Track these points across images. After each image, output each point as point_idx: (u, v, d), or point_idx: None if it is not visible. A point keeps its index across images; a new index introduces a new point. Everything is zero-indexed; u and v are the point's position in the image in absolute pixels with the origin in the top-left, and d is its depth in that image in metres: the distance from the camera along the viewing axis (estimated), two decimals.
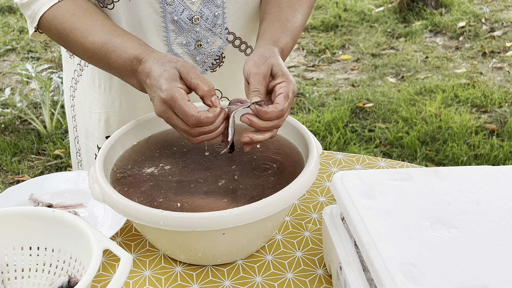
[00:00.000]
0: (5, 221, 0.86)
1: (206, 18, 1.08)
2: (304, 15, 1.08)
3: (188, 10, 1.07)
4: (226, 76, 1.18)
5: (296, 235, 1.00)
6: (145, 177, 0.95)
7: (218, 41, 1.13)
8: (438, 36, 4.56)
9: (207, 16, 1.08)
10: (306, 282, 0.90)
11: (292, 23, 1.05)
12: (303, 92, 3.63)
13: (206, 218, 0.80)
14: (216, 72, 1.17)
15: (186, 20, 1.07)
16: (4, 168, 2.87)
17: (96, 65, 1.03)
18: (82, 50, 1.00)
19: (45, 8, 1.01)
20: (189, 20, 1.07)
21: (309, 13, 1.11)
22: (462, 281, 0.67)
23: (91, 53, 0.99)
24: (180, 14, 1.06)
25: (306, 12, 1.09)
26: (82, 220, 0.82)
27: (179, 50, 1.11)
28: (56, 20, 1.01)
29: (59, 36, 1.02)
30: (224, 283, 0.90)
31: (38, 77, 3.22)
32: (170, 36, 1.08)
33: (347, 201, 0.81)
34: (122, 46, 0.97)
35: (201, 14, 1.08)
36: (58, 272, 0.85)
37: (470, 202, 0.81)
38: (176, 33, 1.09)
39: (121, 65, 0.97)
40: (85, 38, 0.99)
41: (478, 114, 3.27)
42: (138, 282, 0.91)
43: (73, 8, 1.01)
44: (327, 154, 1.23)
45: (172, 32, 1.08)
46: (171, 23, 1.07)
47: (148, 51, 0.95)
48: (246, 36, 1.16)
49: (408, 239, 0.73)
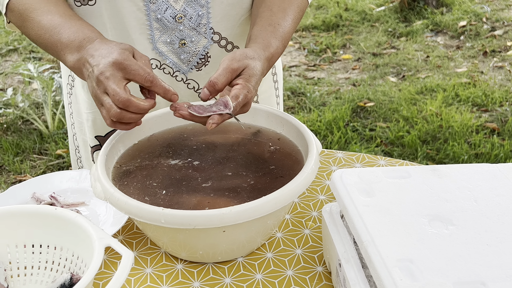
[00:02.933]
0: (8, 219, 0.87)
1: (190, 17, 1.09)
2: (294, 19, 1.08)
3: (172, 8, 1.07)
4: None
5: (296, 233, 1.01)
6: (146, 175, 0.96)
7: (203, 40, 1.13)
8: (439, 36, 4.56)
9: (191, 15, 1.09)
10: (306, 279, 0.91)
11: (283, 27, 1.05)
12: (304, 91, 3.64)
13: (207, 215, 0.81)
14: (202, 72, 1.17)
15: (169, 18, 1.08)
16: (6, 168, 2.89)
17: (44, 44, 0.99)
18: (37, 28, 0.98)
19: None
20: (172, 18, 1.08)
21: (300, 17, 1.11)
22: (459, 277, 0.67)
23: (45, 30, 0.97)
24: (164, 12, 1.07)
25: (297, 16, 1.09)
26: (84, 218, 0.83)
27: (163, 48, 1.11)
28: (22, 1, 1.00)
29: (20, 16, 1.01)
30: (225, 281, 0.91)
31: (40, 77, 3.23)
32: (154, 34, 1.09)
33: (346, 198, 0.82)
34: (80, 26, 0.96)
35: (185, 13, 1.08)
36: (60, 270, 0.86)
37: (468, 199, 0.82)
38: (161, 32, 1.09)
39: (71, 40, 0.94)
40: (43, 16, 0.98)
41: (479, 113, 3.27)
42: (139, 279, 0.92)
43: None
44: (327, 153, 1.24)
45: (157, 30, 1.09)
46: (155, 21, 1.07)
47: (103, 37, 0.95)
48: (233, 37, 1.16)
49: (406, 236, 0.74)
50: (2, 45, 4.54)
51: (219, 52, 1.16)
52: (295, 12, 1.09)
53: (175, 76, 1.15)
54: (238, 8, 1.12)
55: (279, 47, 1.02)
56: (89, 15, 1.07)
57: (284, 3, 1.08)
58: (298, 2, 1.10)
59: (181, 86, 1.17)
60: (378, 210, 0.79)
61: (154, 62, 1.12)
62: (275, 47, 1.01)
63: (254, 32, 1.03)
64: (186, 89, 1.17)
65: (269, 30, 1.03)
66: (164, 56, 1.12)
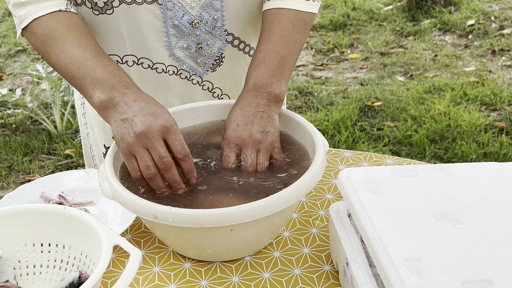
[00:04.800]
0: (17, 218, 0.87)
1: (206, 22, 1.10)
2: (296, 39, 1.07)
3: (188, 14, 1.08)
4: (226, 75, 1.20)
5: (304, 232, 1.01)
6: None
7: (218, 42, 1.14)
8: (447, 34, 4.54)
9: (207, 19, 1.10)
10: (314, 278, 0.91)
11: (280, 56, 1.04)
12: (312, 91, 3.63)
13: (214, 214, 0.81)
14: (216, 72, 1.18)
15: (186, 24, 1.08)
16: (15, 168, 2.90)
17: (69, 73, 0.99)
18: (64, 57, 0.98)
19: (41, 13, 1.00)
20: (189, 24, 1.09)
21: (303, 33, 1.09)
22: (467, 275, 0.67)
23: (73, 61, 0.97)
24: (180, 18, 1.08)
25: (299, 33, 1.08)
26: (92, 217, 0.83)
27: (180, 54, 1.12)
28: (46, 25, 1.00)
29: (43, 41, 1.00)
30: (232, 279, 0.91)
31: (49, 78, 3.25)
32: (171, 40, 1.10)
33: (353, 197, 0.82)
34: (115, 66, 0.98)
35: (201, 18, 1.09)
36: (69, 268, 0.87)
37: (476, 198, 0.81)
38: (177, 38, 1.10)
39: (105, 78, 0.95)
40: (73, 47, 0.98)
41: (487, 112, 3.25)
42: (147, 278, 0.92)
43: (68, 21, 1.01)
44: (334, 152, 1.24)
45: (173, 36, 1.09)
46: (172, 28, 1.08)
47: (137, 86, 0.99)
48: (245, 35, 1.18)
49: (413, 234, 0.74)
50: (11, 46, 4.57)
51: (232, 52, 1.18)
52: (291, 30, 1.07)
53: (192, 79, 1.16)
54: (250, 7, 1.13)
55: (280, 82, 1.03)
56: (106, 24, 1.07)
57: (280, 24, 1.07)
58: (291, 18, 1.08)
59: (197, 89, 1.18)
60: (385, 209, 0.79)
61: (171, 69, 1.13)
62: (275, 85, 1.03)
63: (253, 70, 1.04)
64: (201, 90, 1.19)
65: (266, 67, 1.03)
66: (181, 62, 1.13)
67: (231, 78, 1.21)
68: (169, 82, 1.15)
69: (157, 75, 1.14)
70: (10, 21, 5.12)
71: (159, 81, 1.14)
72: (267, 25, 1.08)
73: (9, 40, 4.71)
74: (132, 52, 1.11)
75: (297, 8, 1.08)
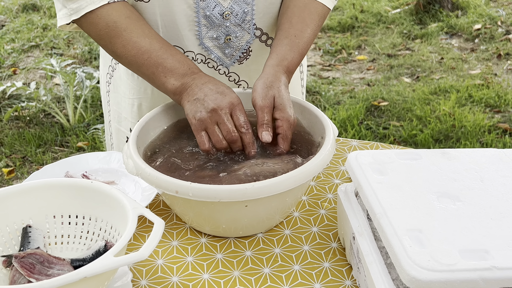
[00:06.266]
0: (47, 191, 0.94)
1: (236, 14, 1.16)
2: (314, 29, 1.16)
3: (220, 6, 1.14)
4: (252, 69, 1.26)
5: (312, 213, 1.07)
6: (173, 156, 1.03)
7: (246, 36, 1.20)
8: (454, 38, 4.60)
9: (237, 12, 1.16)
10: (322, 253, 0.97)
11: (300, 38, 1.12)
12: (319, 90, 3.69)
13: (231, 190, 0.88)
14: (243, 65, 1.25)
15: (217, 15, 1.15)
16: (29, 158, 2.98)
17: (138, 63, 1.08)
18: (132, 47, 1.06)
19: (95, 5, 1.07)
20: (220, 15, 1.15)
21: (320, 25, 1.18)
22: (464, 245, 0.73)
23: (143, 51, 1.06)
24: (212, 9, 1.14)
25: (317, 24, 1.16)
26: (118, 190, 0.89)
27: (209, 44, 1.19)
28: (109, 18, 1.07)
29: (107, 32, 1.07)
30: (246, 253, 0.97)
31: (63, 72, 3.33)
32: (202, 30, 1.16)
33: (360, 176, 0.88)
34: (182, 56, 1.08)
35: (232, 10, 1.15)
36: (94, 238, 0.93)
37: (475, 179, 0.87)
38: (208, 28, 1.16)
39: (176, 67, 1.06)
40: (140, 38, 1.07)
41: (491, 114, 3.31)
42: (166, 250, 0.98)
43: (127, 12, 1.09)
44: (343, 141, 1.30)
45: (204, 26, 1.16)
46: (203, 18, 1.15)
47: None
48: (273, 32, 1.24)
49: (416, 209, 0.80)
50: (24, 41, 4.66)
51: (259, 46, 1.24)
52: (314, 20, 1.15)
53: (218, 69, 1.23)
54: (279, 5, 1.20)
55: (295, 57, 1.11)
56: (143, 12, 1.14)
57: (304, 13, 1.15)
58: (319, 11, 1.17)
59: (223, 79, 1.25)
60: (390, 187, 0.85)
61: (200, 57, 1.20)
62: (290, 59, 1.10)
63: (273, 45, 1.12)
64: (227, 81, 1.25)
65: (286, 43, 1.11)
66: (209, 51, 1.19)
67: (257, 72, 1.26)
68: None
69: None
70: (24, 17, 5.21)
71: None
72: (298, 12, 1.14)
73: (22, 35, 4.79)
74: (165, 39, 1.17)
75: (324, 3, 1.17)
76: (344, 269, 0.93)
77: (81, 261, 0.87)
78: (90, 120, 3.29)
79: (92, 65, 4.18)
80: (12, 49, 4.50)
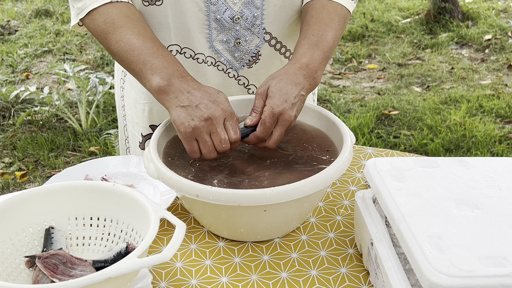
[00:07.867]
0: (70, 193, 0.95)
1: (246, 18, 1.18)
2: (334, 27, 1.15)
3: (230, 10, 1.16)
4: (261, 73, 1.28)
5: (329, 219, 1.09)
6: (191, 160, 1.04)
7: (256, 40, 1.22)
8: (464, 48, 4.60)
9: (247, 16, 1.18)
10: (338, 259, 0.98)
11: (319, 36, 1.12)
12: (329, 98, 3.71)
13: (251, 194, 0.89)
14: (252, 68, 1.26)
15: (227, 19, 1.17)
16: (42, 162, 3.00)
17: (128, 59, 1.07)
18: (124, 44, 1.07)
19: (97, 3, 1.09)
20: (230, 19, 1.17)
21: (341, 26, 1.17)
22: (483, 252, 0.74)
23: (134, 48, 1.06)
24: (223, 13, 1.16)
25: (337, 24, 1.15)
26: (139, 193, 0.91)
27: (219, 47, 1.21)
28: (108, 15, 1.09)
29: (104, 28, 1.09)
30: (263, 257, 0.98)
31: (76, 77, 3.36)
32: (212, 33, 1.18)
33: (379, 183, 0.89)
34: (172, 57, 1.07)
35: (242, 14, 1.17)
36: (115, 241, 0.95)
37: (493, 187, 0.88)
38: (218, 31, 1.18)
39: (164, 66, 1.04)
40: (133, 36, 1.07)
41: (502, 124, 3.31)
42: (185, 253, 1.00)
43: (127, 12, 1.10)
44: (358, 149, 1.32)
45: (214, 29, 1.18)
46: (214, 21, 1.17)
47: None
48: (282, 37, 1.25)
49: (435, 216, 0.81)
50: (37, 47, 4.70)
51: (269, 51, 1.26)
52: (334, 20, 1.15)
53: (228, 72, 1.24)
54: (289, 10, 1.21)
55: (314, 54, 1.09)
56: (155, 15, 1.16)
57: (322, 13, 1.15)
58: (337, 11, 1.17)
59: (233, 82, 1.26)
60: (409, 194, 0.86)
61: (210, 60, 1.22)
62: (308, 56, 1.09)
63: (294, 50, 1.12)
64: (237, 85, 1.27)
65: (303, 43, 1.11)
66: (219, 54, 1.21)
67: (266, 76, 1.28)
68: (207, 73, 1.23)
69: (197, 65, 1.22)
70: (36, 23, 5.26)
71: (198, 71, 1.22)
72: (316, 13, 1.15)
73: (35, 40, 4.84)
74: (176, 42, 1.19)
75: (343, 3, 1.17)
76: (361, 275, 0.94)
77: (102, 263, 0.89)
78: (102, 125, 3.31)
79: (105, 71, 4.21)
80: (25, 54, 4.55)
